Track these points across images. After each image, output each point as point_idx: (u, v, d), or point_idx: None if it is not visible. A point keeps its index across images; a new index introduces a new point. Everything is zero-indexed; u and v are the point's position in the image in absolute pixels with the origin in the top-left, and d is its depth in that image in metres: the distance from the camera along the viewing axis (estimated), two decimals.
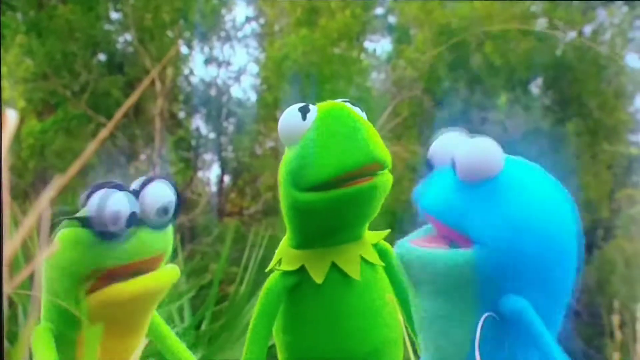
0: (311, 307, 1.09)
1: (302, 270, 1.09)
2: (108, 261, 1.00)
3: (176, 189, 1.05)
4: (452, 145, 0.95)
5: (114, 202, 0.99)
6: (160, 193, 1.03)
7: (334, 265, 1.08)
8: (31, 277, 1.11)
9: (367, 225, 1.10)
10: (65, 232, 1.01)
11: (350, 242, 1.09)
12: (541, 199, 0.92)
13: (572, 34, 5.69)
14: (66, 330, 1.02)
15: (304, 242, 1.09)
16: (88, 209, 0.99)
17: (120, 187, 1.00)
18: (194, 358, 1.18)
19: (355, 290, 1.08)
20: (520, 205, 0.91)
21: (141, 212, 1.01)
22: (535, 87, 5.90)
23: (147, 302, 1.05)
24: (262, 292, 1.10)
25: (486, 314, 0.89)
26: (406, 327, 1.04)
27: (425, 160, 0.95)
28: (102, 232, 0.99)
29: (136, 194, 1.01)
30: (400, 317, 0.99)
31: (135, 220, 1.00)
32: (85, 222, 1.00)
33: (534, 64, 5.53)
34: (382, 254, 1.12)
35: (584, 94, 5.59)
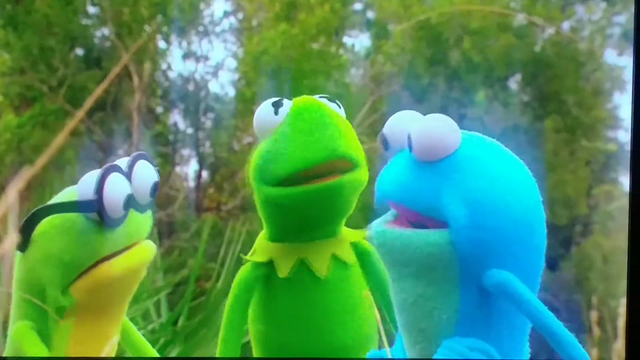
0: (279, 300, 1.09)
1: (271, 262, 1.08)
2: (105, 248, 0.97)
3: (154, 165, 1.03)
4: (407, 124, 0.93)
5: (114, 185, 0.95)
6: (150, 172, 1.01)
7: (302, 261, 1.07)
8: None
9: (341, 222, 1.09)
10: (52, 219, 0.97)
11: (323, 239, 1.08)
12: (505, 172, 0.92)
13: (551, 30, 5.70)
14: (48, 325, 0.99)
15: (276, 235, 1.09)
16: (81, 193, 0.96)
17: (115, 169, 0.97)
18: (154, 352, 1.17)
19: (323, 287, 1.07)
20: (485, 179, 0.90)
21: (134, 194, 0.98)
22: (514, 84, 5.91)
23: (131, 281, 1.03)
24: (233, 283, 1.10)
25: None
26: (384, 325, 1.03)
27: (381, 140, 0.94)
28: (101, 217, 0.95)
29: (127, 174, 0.98)
30: (377, 315, 0.98)
31: (130, 203, 0.97)
32: (77, 208, 0.96)
33: (513, 60, 5.53)
34: (363, 253, 1.11)
35: (563, 91, 5.60)
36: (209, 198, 5.85)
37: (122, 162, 1.01)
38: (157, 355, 1.17)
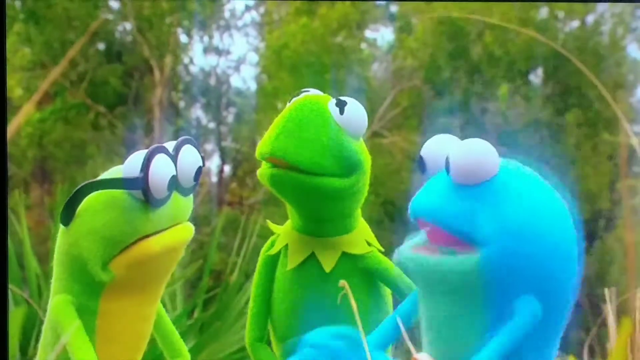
0: (282, 281, 1.10)
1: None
2: (148, 227, 0.97)
3: (199, 151, 1.04)
4: (446, 146, 0.94)
5: (159, 165, 0.96)
6: (196, 157, 1.02)
7: (312, 255, 1.08)
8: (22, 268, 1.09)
9: (323, 229, 1.09)
10: (97, 195, 0.98)
11: (333, 236, 1.08)
12: (542, 201, 0.91)
13: (573, 24, 5.68)
14: (87, 301, 1.00)
15: (294, 222, 1.09)
16: (127, 171, 0.97)
17: (161, 150, 0.98)
18: (184, 345, 1.17)
19: (290, 279, 1.08)
20: (522, 207, 0.90)
21: (178, 176, 0.99)
22: (536, 78, 5.89)
23: (169, 259, 1.03)
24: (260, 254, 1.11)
25: None
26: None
27: (418, 162, 0.94)
28: (145, 195, 0.96)
29: (173, 157, 0.99)
30: (354, 306, 0.97)
31: (174, 185, 0.98)
32: (123, 185, 0.97)
33: (534, 54, 5.51)
34: (369, 272, 1.11)
35: (584, 85, 5.57)
36: (231, 192, 5.86)
37: (169, 145, 1.02)
38: (184, 346, 1.18)
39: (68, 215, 0.98)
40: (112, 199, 0.98)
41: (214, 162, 5.98)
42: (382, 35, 6.13)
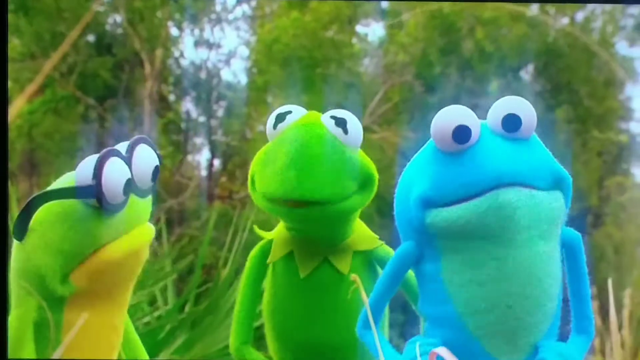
0: (272, 279, 1.10)
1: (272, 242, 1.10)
2: (105, 235, 0.95)
3: (155, 149, 1.01)
4: (469, 113, 0.97)
5: (112, 170, 0.93)
6: (151, 156, 1.00)
7: (292, 254, 1.08)
8: None
9: (336, 238, 1.09)
10: (50, 206, 0.95)
11: (321, 242, 1.08)
12: None
13: (564, 21, 5.68)
14: (47, 314, 0.97)
15: (297, 233, 1.09)
16: (79, 179, 0.94)
17: (113, 153, 0.95)
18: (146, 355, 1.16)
19: (303, 285, 1.07)
20: (546, 152, 1.03)
21: (133, 179, 0.96)
22: (526, 74, 5.89)
23: (132, 264, 1.01)
24: (248, 258, 1.11)
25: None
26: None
27: (461, 132, 0.94)
28: (100, 203, 0.93)
29: (127, 159, 0.97)
30: (365, 300, 0.97)
31: (131, 188, 0.96)
32: (76, 194, 0.93)
33: (525, 50, 5.51)
34: (378, 261, 1.11)
35: (575, 81, 5.58)
36: (220, 186, 5.84)
37: (122, 146, 0.99)
38: (147, 358, 1.16)
39: (21, 230, 0.95)
40: (66, 210, 0.94)
41: (203, 156, 5.97)
42: (374, 30, 6.12)
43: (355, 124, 1.06)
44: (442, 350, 0.85)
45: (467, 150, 0.94)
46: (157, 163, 1.01)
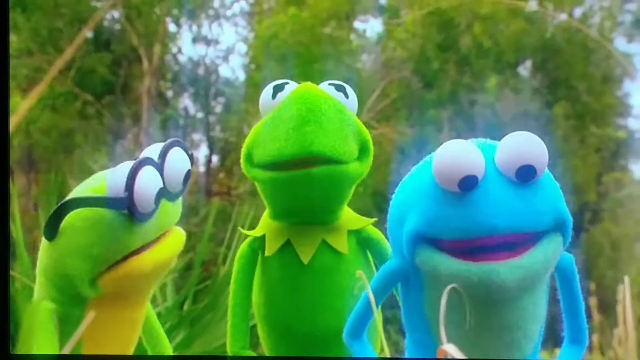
0: (268, 276, 1.09)
1: (264, 237, 1.09)
2: (135, 242, 0.95)
3: (187, 151, 1.02)
4: (475, 151, 0.94)
5: (145, 181, 0.93)
6: (184, 160, 1.00)
7: (289, 243, 1.08)
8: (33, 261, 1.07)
9: (333, 211, 1.08)
10: (82, 212, 0.95)
11: (315, 224, 1.08)
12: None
13: (562, 16, 5.68)
14: (73, 310, 0.98)
15: (271, 212, 1.09)
16: (111, 190, 0.94)
17: (146, 162, 0.95)
18: (169, 344, 1.16)
19: (307, 271, 1.07)
20: (560, 194, 0.94)
21: (165, 184, 0.97)
22: (524, 70, 5.90)
23: (161, 272, 1.02)
24: (235, 258, 1.10)
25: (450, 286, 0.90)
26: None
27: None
28: (131, 213, 0.93)
29: (159, 166, 0.97)
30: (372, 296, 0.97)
31: (162, 195, 0.96)
32: (107, 204, 0.94)
33: (523, 46, 5.52)
34: (368, 242, 1.11)
35: (573, 77, 5.58)
36: (218, 183, 5.85)
37: (155, 149, 0.99)
38: (169, 346, 1.16)
39: (52, 231, 0.96)
40: (96, 217, 0.95)
41: (201, 152, 5.97)
42: (372, 26, 6.13)
43: (352, 91, 1.07)
44: (450, 348, 0.85)
45: (468, 194, 0.93)
46: (189, 167, 1.01)
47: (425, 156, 0.99)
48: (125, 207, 0.93)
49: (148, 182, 0.95)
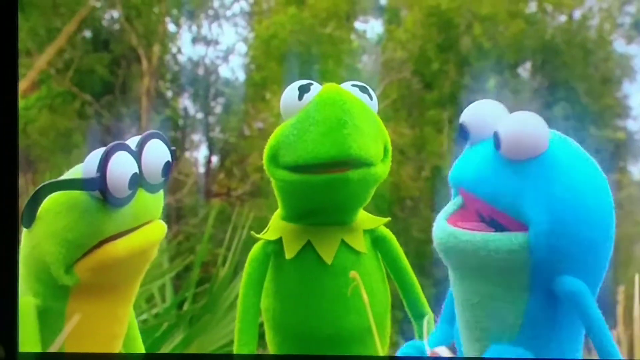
0: (287, 279, 1.10)
1: (281, 241, 1.09)
2: (110, 228, 0.96)
3: (168, 145, 1.02)
4: (493, 117, 0.92)
5: (118, 163, 0.94)
6: (163, 152, 1.00)
7: (310, 244, 1.07)
8: None
9: (354, 212, 1.09)
10: (57, 196, 0.96)
11: (334, 225, 1.08)
12: (590, 179, 0.91)
13: (561, 18, 5.68)
14: (53, 303, 0.98)
15: (288, 215, 1.09)
16: (86, 171, 0.95)
17: (121, 147, 0.96)
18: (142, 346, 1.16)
19: (329, 272, 1.07)
20: (572, 186, 0.89)
21: (142, 173, 0.97)
22: (524, 71, 5.89)
23: (139, 261, 1.02)
24: (247, 260, 1.10)
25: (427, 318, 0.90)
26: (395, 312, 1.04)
27: (459, 127, 0.93)
28: (104, 196, 0.94)
29: (136, 154, 0.97)
30: (366, 299, 0.97)
31: (136, 182, 0.96)
32: (82, 185, 0.94)
33: (523, 47, 5.51)
34: (379, 241, 1.11)
35: (572, 79, 5.58)
36: (218, 183, 5.84)
37: (133, 140, 1.00)
38: (142, 347, 1.16)
39: (29, 217, 0.97)
40: (72, 200, 0.95)
41: (201, 153, 5.96)
42: (372, 27, 6.12)
43: (373, 92, 1.08)
44: (442, 350, 0.85)
45: (467, 147, 0.94)
46: (169, 159, 1.01)
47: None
48: (98, 187, 0.93)
49: (121, 164, 0.95)
